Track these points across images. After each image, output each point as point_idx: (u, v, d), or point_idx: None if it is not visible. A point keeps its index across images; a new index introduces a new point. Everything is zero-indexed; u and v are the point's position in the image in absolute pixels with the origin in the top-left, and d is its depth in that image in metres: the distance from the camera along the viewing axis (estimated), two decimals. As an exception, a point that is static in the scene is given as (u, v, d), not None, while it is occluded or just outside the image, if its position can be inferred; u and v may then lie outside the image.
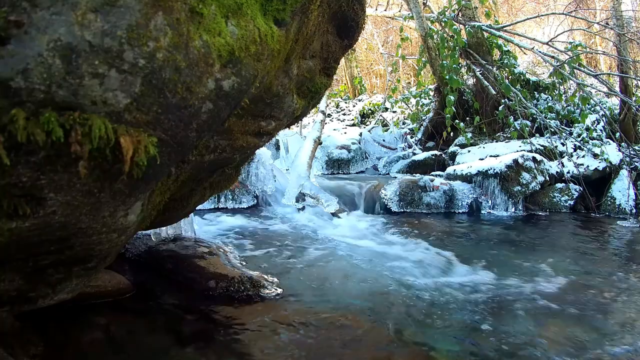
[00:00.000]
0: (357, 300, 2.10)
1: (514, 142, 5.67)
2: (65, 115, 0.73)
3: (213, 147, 1.33)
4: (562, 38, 8.04)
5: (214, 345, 1.62)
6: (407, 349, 1.66)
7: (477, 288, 2.31)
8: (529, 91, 6.35)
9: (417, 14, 6.25)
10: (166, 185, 1.27)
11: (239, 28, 0.94)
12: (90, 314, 1.76)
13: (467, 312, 2.00)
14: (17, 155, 0.73)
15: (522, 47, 6.43)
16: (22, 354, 1.36)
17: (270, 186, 4.38)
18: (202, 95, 0.90)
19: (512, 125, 5.76)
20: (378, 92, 11.98)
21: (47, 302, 1.12)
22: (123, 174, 0.85)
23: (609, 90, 6.15)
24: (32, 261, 0.99)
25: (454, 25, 6.17)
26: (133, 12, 0.75)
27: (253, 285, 2.10)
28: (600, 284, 2.50)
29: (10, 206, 0.79)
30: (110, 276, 1.97)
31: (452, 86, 5.83)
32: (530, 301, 2.17)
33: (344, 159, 6.79)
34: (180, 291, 2.08)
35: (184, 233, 2.61)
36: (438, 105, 6.87)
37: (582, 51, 5.97)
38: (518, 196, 4.67)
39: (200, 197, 1.78)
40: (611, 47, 7.96)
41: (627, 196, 4.84)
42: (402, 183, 4.67)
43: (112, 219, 1.00)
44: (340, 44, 1.67)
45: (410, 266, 2.65)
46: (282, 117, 1.51)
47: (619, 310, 2.12)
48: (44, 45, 0.69)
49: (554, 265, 2.77)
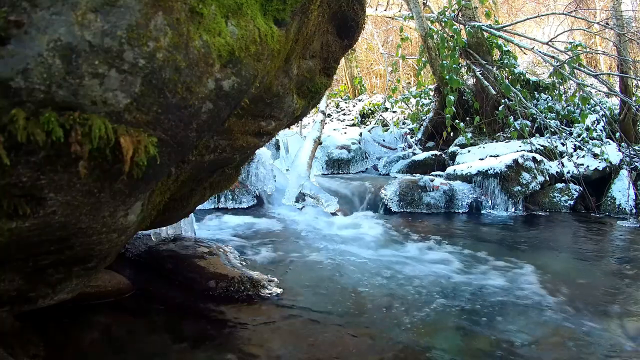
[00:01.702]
0: (357, 300, 2.10)
1: (514, 142, 5.67)
2: (65, 115, 0.73)
3: (213, 147, 1.34)
4: (562, 38, 8.04)
5: (214, 345, 1.62)
6: (407, 349, 1.66)
7: (476, 288, 2.31)
8: (529, 91, 6.35)
9: (417, 14, 6.25)
10: (166, 185, 1.27)
11: (239, 28, 0.94)
12: (90, 314, 1.76)
13: (467, 311, 2.00)
14: (17, 155, 0.73)
15: (522, 47, 6.43)
16: (22, 354, 1.36)
17: (270, 186, 4.38)
18: (202, 95, 0.90)
19: (512, 125, 5.76)
20: (378, 92, 11.97)
21: (47, 302, 1.12)
22: (123, 174, 0.85)
23: (609, 90, 6.15)
24: (32, 261, 0.99)
25: (454, 25, 6.17)
26: (133, 12, 0.75)
27: (253, 285, 2.10)
28: (601, 284, 2.50)
29: (10, 206, 0.79)
30: (110, 276, 1.97)
31: (452, 86, 5.83)
32: (530, 301, 2.17)
33: (344, 159, 6.79)
34: (180, 291, 2.08)
35: (184, 233, 2.61)
36: (438, 105, 6.86)
37: (582, 51, 5.97)
38: (518, 196, 4.67)
39: (200, 197, 1.78)
40: (611, 47, 7.96)
41: (627, 196, 4.84)
42: (402, 183, 4.67)
43: (112, 219, 1.00)
44: (340, 44, 1.67)
45: (410, 266, 2.65)
46: (282, 117, 1.51)
47: (619, 310, 2.12)
48: (44, 45, 0.69)
49: (554, 265, 2.77)
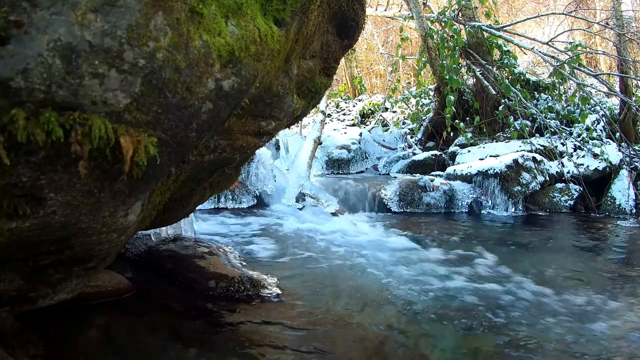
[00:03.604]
0: (357, 300, 2.10)
1: (514, 142, 5.67)
2: (65, 115, 0.73)
3: (213, 147, 1.33)
4: (562, 38, 8.04)
5: (213, 345, 1.61)
6: (407, 349, 1.66)
7: (476, 288, 2.31)
8: (529, 91, 6.35)
9: (417, 14, 6.25)
10: (166, 185, 1.27)
11: (239, 28, 0.94)
12: (90, 314, 1.76)
13: (467, 311, 2.00)
14: (17, 155, 0.73)
15: (522, 47, 6.43)
16: (22, 354, 1.36)
17: (270, 186, 4.38)
18: (202, 95, 0.90)
19: (512, 125, 5.76)
20: (378, 92, 11.97)
21: (47, 302, 1.12)
22: (123, 174, 0.85)
23: (609, 90, 6.15)
24: (32, 261, 0.99)
25: (454, 25, 6.17)
26: (133, 12, 0.75)
27: (253, 285, 2.10)
28: (601, 283, 2.50)
29: (10, 206, 0.79)
30: (110, 276, 1.97)
31: (452, 86, 5.83)
32: (530, 301, 2.17)
33: (344, 159, 6.79)
34: (180, 291, 2.08)
35: (184, 233, 2.60)
36: (438, 105, 6.86)
37: (582, 51, 5.97)
38: (518, 196, 4.67)
39: (200, 197, 1.78)
40: (611, 47, 7.96)
41: (627, 196, 4.85)
42: (402, 183, 4.67)
43: (112, 219, 1.00)
44: (340, 44, 1.67)
45: (410, 266, 2.65)
46: (282, 117, 1.51)
47: (620, 310, 2.12)
48: (44, 45, 0.69)
49: (554, 265, 2.77)
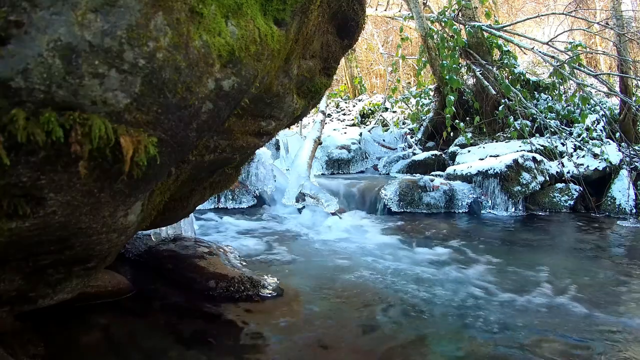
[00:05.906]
0: (357, 299, 2.10)
1: (514, 142, 5.67)
2: (65, 115, 0.73)
3: (213, 147, 1.33)
4: (562, 38, 8.04)
5: (214, 345, 1.61)
6: (407, 349, 1.66)
7: (476, 288, 2.31)
8: (529, 91, 6.35)
9: (417, 14, 6.25)
10: (166, 185, 1.27)
11: (239, 28, 0.94)
12: (90, 314, 1.76)
13: (466, 311, 2.00)
14: (17, 155, 0.73)
15: (522, 47, 6.43)
16: (22, 354, 1.36)
17: (270, 186, 4.38)
18: (202, 95, 0.90)
19: (512, 125, 5.76)
20: (378, 92, 11.97)
21: (47, 302, 1.12)
22: (123, 174, 0.84)
23: (609, 90, 6.15)
24: (32, 261, 0.99)
25: (454, 25, 6.17)
26: (133, 12, 0.75)
27: (253, 285, 2.10)
28: (601, 283, 2.50)
29: (10, 206, 0.79)
30: (110, 276, 1.97)
31: (452, 86, 5.83)
32: (530, 300, 2.17)
33: (344, 159, 6.79)
34: (180, 291, 2.08)
35: (184, 233, 2.60)
36: (438, 105, 6.86)
37: (582, 51, 5.97)
38: (518, 196, 4.66)
39: (200, 197, 1.78)
40: (611, 47, 7.96)
41: (627, 196, 4.84)
42: (402, 183, 4.67)
43: (112, 219, 1.00)
44: (340, 44, 1.67)
45: (410, 266, 2.65)
46: (282, 117, 1.51)
47: (621, 310, 2.12)
48: (44, 45, 0.69)
49: (554, 265, 2.77)
